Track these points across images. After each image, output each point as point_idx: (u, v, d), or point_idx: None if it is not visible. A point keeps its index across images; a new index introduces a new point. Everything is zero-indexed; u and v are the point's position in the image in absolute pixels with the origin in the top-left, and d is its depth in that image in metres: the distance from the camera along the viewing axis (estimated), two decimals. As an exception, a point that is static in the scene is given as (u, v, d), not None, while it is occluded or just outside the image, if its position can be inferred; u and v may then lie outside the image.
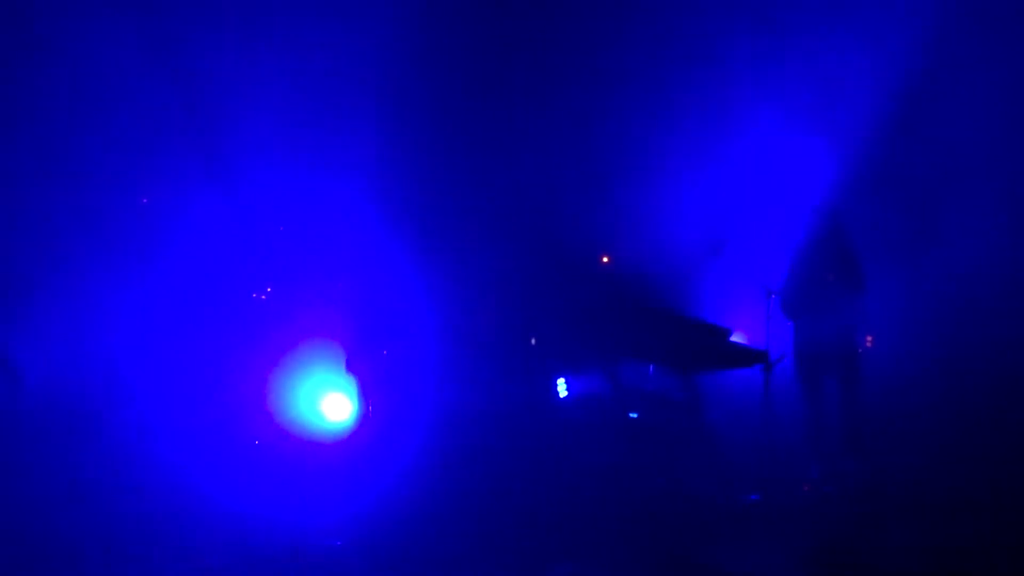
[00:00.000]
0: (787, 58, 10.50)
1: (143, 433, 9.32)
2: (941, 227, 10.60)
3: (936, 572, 6.75)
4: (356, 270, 9.83)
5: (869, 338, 9.06)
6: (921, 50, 10.16)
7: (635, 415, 9.61)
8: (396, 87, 10.27)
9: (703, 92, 10.73)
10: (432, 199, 10.53)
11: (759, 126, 10.63)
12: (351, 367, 9.52)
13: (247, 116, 10.16)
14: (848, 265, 9.00)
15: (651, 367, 9.92)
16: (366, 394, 9.47)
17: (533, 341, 10.06)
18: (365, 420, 9.43)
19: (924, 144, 10.58)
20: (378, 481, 8.78)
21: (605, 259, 10.89)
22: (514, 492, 8.51)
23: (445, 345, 9.88)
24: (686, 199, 10.70)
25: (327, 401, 9.74)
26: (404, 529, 7.84)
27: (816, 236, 9.08)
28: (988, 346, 9.94)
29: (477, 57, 10.80)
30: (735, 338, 9.38)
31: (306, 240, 10.11)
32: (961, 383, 9.80)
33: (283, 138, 10.36)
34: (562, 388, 10.06)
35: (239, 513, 8.18)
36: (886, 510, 7.94)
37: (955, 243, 10.42)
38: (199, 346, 9.88)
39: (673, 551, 7.36)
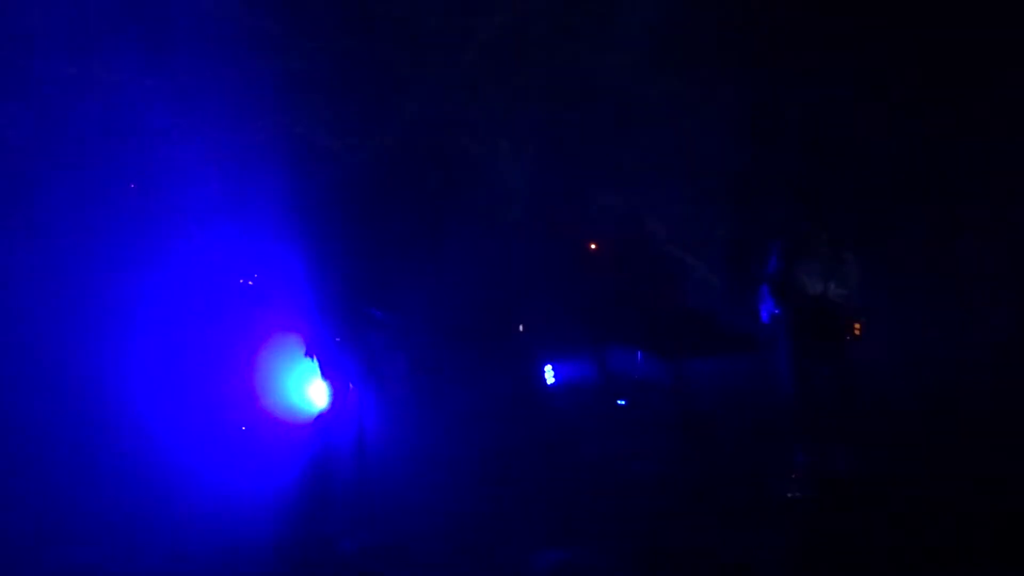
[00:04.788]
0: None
1: (133, 424, 9.24)
2: (935, 214, 10.65)
3: (925, 561, 6.77)
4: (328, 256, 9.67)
5: (857, 325, 9.05)
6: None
7: (623, 402, 9.62)
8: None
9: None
10: (412, 187, 10.50)
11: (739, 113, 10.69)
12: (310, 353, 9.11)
13: None
14: (835, 251, 8.99)
15: (639, 353, 9.92)
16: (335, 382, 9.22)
17: (521, 328, 10.05)
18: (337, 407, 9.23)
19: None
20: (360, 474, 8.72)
21: (592, 246, 10.87)
22: (501, 481, 8.49)
23: (426, 334, 9.82)
24: (673, 185, 10.71)
25: (313, 387, 9.66)
26: (395, 521, 7.82)
27: (802, 220, 9.08)
28: (984, 336, 9.99)
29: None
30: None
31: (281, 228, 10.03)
32: (956, 373, 9.84)
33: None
34: (549, 375, 10.04)
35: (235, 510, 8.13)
36: (876, 498, 7.95)
37: (951, 231, 10.47)
38: (185, 334, 9.81)
39: (661, 538, 7.36)
